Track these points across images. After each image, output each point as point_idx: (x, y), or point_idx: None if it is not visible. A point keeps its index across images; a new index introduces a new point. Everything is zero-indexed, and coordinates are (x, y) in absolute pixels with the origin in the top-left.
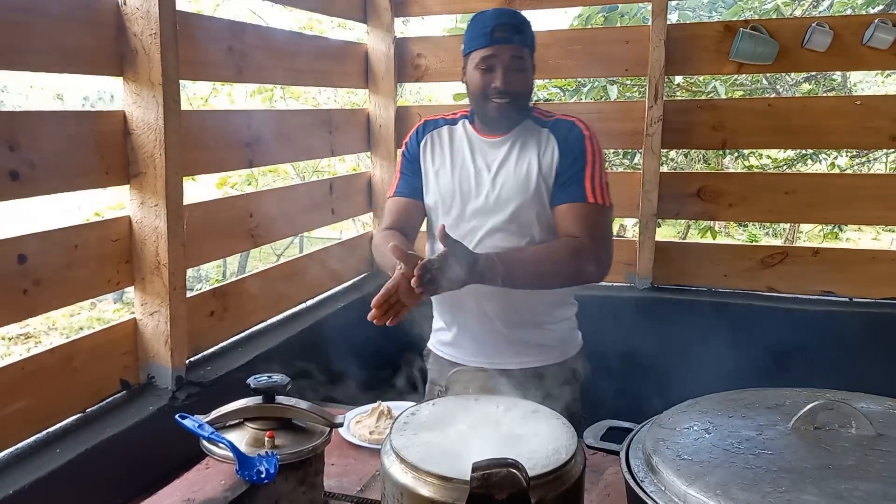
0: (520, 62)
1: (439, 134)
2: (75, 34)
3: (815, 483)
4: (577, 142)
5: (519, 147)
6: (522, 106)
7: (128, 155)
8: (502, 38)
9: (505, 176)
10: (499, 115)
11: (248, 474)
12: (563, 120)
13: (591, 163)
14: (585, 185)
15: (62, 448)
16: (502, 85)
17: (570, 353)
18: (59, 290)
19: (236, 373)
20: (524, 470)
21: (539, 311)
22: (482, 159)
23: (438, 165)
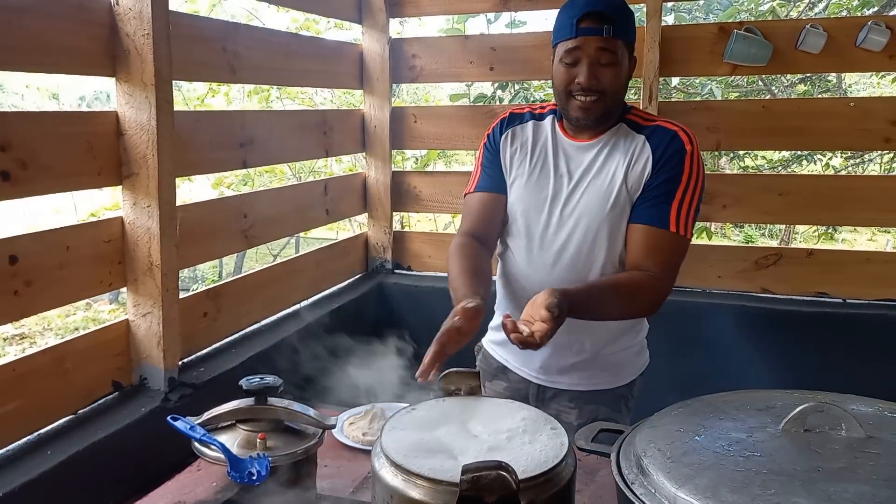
0: (609, 56)
1: (523, 129)
2: (68, 34)
3: (805, 486)
4: (676, 157)
5: (606, 154)
6: (611, 106)
7: (120, 155)
8: (589, 28)
9: (586, 186)
10: (582, 115)
11: (240, 476)
12: (664, 127)
13: (686, 185)
14: (671, 210)
15: (53, 450)
16: (586, 81)
17: (624, 379)
18: (50, 291)
19: (229, 374)
20: (514, 472)
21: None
22: (565, 165)
23: (518, 164)
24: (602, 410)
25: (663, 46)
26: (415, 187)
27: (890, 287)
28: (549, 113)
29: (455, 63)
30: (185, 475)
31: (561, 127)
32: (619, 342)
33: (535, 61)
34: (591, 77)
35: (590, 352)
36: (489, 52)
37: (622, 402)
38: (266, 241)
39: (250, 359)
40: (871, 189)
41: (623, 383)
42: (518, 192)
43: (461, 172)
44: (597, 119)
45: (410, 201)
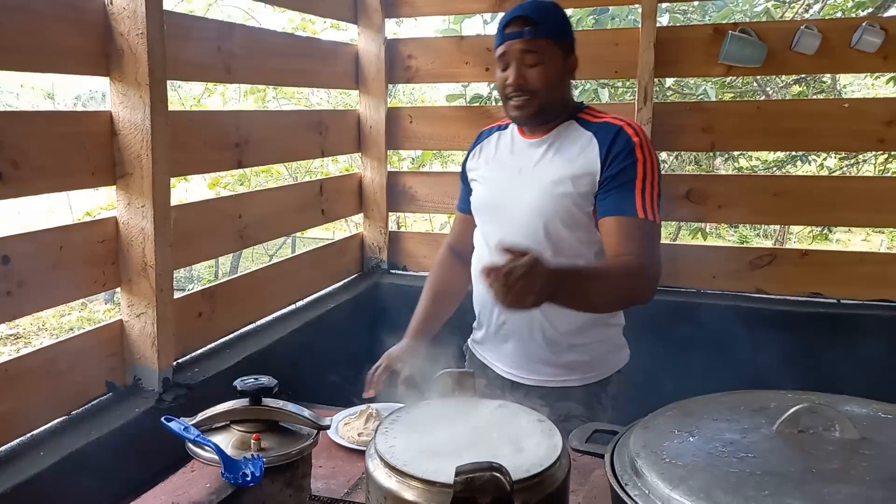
0: (533, 56)
1: (489, 141)
2: (61, 34)
3: (799, 487)
4: (626, 148)
5: (555, 149)
6: (545, 103)
7: (114, 155)
8: (512, 32)
9: (536, 178)
10: (517, 114)
11: (234, 477)
12: (610, 123)
13: (643, 173)
14: (636, 199)
15: (47, 451)
16: (514, 81)
17: (596, 376)
18: (43, 291)
19: (224, 374)
20: (508, 474)
21: (569, 330)
22: (520, 160)
23: (481, 167)
24: (574, 408)
25: (658, 47)
26: (410, 188)
27: (884, 288)
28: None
29: (451, 64)
30: (179, 476)
31: (519, 130)
32: (590, 333)
33: None
34: (519, 77)
35: (558, 342)
36: (485, 53)
37: (595, 400)
38: (261, 242)
39: (245, 359)
40: (865, 190)
41: (595, 380)
42: (483, 193)
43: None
44: (532, 116)
45: (406, 202)
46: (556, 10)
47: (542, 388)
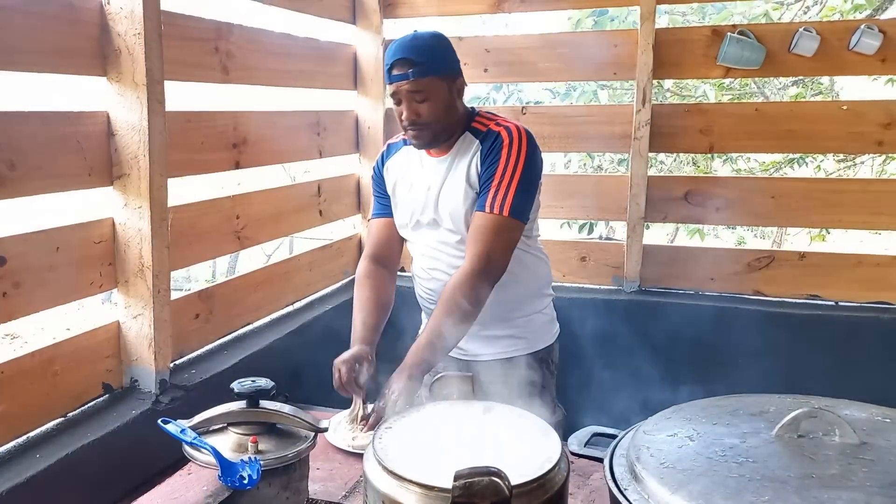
0: (420, 94)
1: (398, 157)
2: (58, 34)
3: (798, 492)
4: (495, 150)
5: (456, 163)
6: (440, 130)
7: (111, 156)
8: (398, 75)
9: (446, 192)
10: (416, 143)
11: (231, 480)
12: (493, 130)
13: (502, 171)
14: (488, 195)
15: (42, 453)
16: (407, 117)
17: (542, 343)
18: (39, 292)
19: (221, 376)
20: (506, 478)
21: (508, 307)
22: (428, 177)
23: (397, 185)
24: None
25: (656, 49)
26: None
27: (882, 290)
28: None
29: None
30: (176, 479)
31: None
32: (529, 305)
33: (529, 63)
34: (411, 113)
35: (504, 317)
36: (483, 54)
37: (545, 367)
38: (259, 243)
39: (242, 361)
40: (862, 192)
41: (541, 347)
42: (402, 205)
43: None
44: (429, 143)
45: None
46: (433, 43)
47: (497, 361)
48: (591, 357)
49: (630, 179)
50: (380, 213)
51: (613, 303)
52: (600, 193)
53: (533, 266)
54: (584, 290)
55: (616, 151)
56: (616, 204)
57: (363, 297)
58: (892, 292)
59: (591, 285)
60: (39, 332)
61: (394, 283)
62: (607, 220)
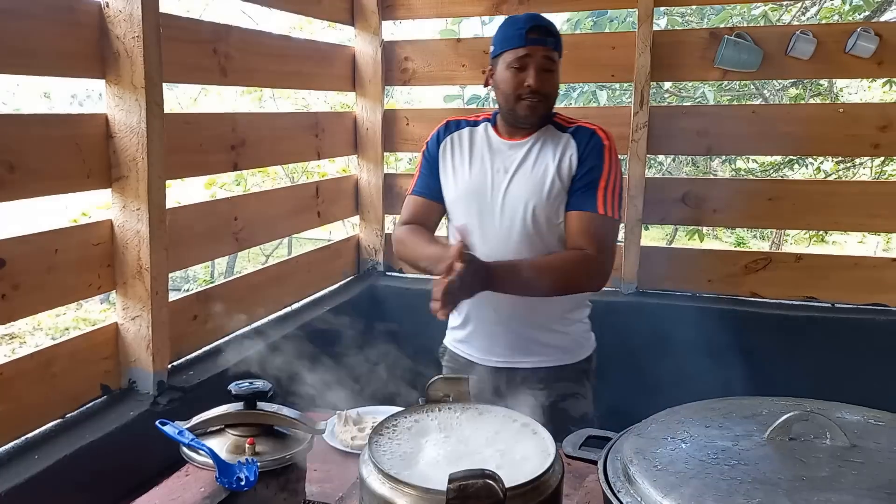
0: (551, 63)
1: (460, 136)
2: (57, 36)
3: (789, 495)
4: (596, 150)
5: (538, 150)
6: (550, 108)
7: (110, 158)
8: (536, 39)
9: (521, 178)
10: (530, 114)
11: (228, 481)
12: (585, 127)
13: (607, 174)
14: (598, 196)
15: (41, 454)
16: (535, 84)
17: (582, 354)
18: (38, 294)
19: (219, 378)
20: (501, 481)
21: (553, 314)
22: (500, 161)
23: (457, 166)
24: (569, 387)
25: (654, 51)
26: (406, 190)
27: (878, 292)
28: (483, 121)
29: (447, 66)
30: (173, 480)
31: (496, 130)
32: (572, 315)
33: None
34: (539, 81)
35: (548, 325)
36: (481, 55)
37: (584, 377)
38: (256, 244)
39: (240, 362)
40: (860, 194)
41: (582, 358)
42: (462, 189)
43: None
44: (540, 117)
45: (402, 204)
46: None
47: (539, 371)
48: None
49: (628, 181)
50: (422, 191)
51: (610, 304)
52: None
53: None
54: None
55: None
56: None
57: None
58: (889, 294)
59: None
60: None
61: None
62: None
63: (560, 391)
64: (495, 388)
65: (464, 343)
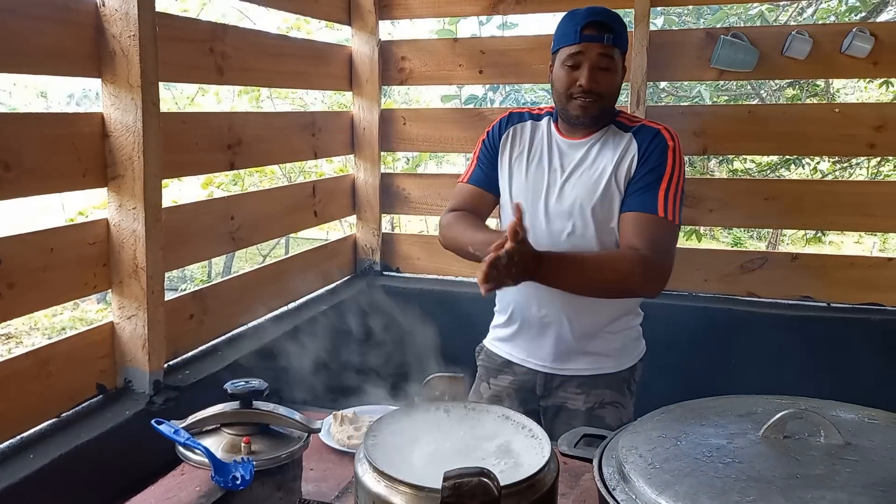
0: (607, 61)
1: (522, 128)
2: (53, 35)
3: (783, 493)
4: (659, 150)
5: (597, 150)
6: (607, 107)
7: (106, 157)
8: (591, 35)
9: (577, 179)
10: (582, 114)
11: (224, 480)
12: (649, 127)
13: (670, 175)
14: (658, 197)
15: (36, 453)
16: (587, 83)
17: (626, 363)
18: (34, 293)
19: (215, 377)
20: (496, 479)
21: (600, 321)
22: (559, 160)
23: (516, 159)
24: (608, 394)
25: (651, 51)
26: (404, 189)
27: (874, 291)
28: (545, 115)
29: (444, 65)
30: (169, 479)
31: (556, 127)
32: (619, 322)
33: (525, 64)
34: (592, 80)
35: (592, 332)
36: (478, 55)
37: (625, 386)
38: (253, 244)
39: (236, 362)
40: (856, 194)
41: (626, 367)
42: (517, 184)
43: (450, 174)
44: (593, 118)
45: (399, 203)
46: (623, 21)
47: (578, 377)
48: None
49: None
50: (476, 180)
51: None
52: None
53: None
54: None
55: None
56: None
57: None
58: (884, 294)
59: None
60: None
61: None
62: None
63: (599, 398)
64: (531, 389)
65: (505, 342)
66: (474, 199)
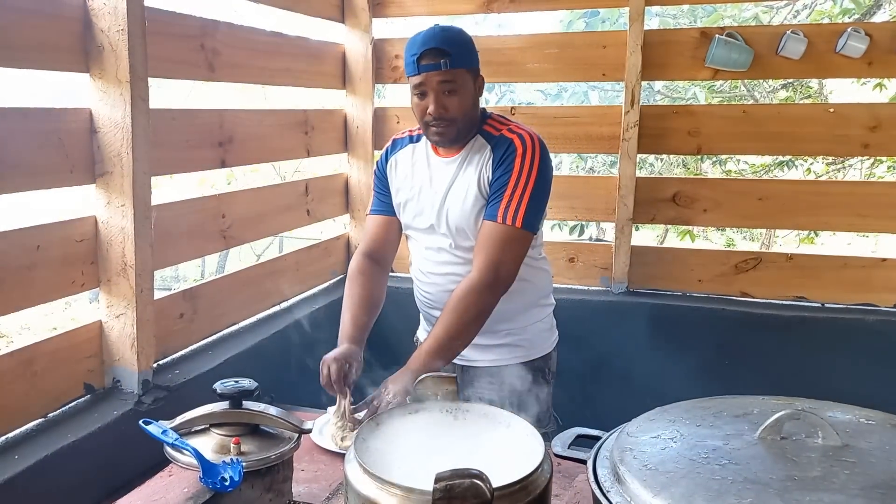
0: (451, 86)
1: (403, 154)
2: (40, 29)
3: (780, 495)
4: (508, 159)
5: (465, 166)
6: (462, 127)
7: (94, 153)
8: (428, 65)
9: (452, 195)
10: (438, 139)
11: (212, 482)
12: (506, 137)
13: (515, 181)
14: (500, 205)
15: (21, 454)
16: (435, 111)
17: (539, 352)
18: (19, 292)
19: (205, 377)
20: (488, 481)
21: (507, 316)
22: (436, 179)
23: (402, 185)
24: (523, 384)
25: (645, 50)
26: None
27: (867, 292)
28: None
29: None
30: (157, 481)
31: (433, 146)
32: (527, 315)
33: (519, 63)
34: (439, 107)
35: (497, 327)
36: None
37: (541, 375)
38: (244, 242)
39: (226, 361)
40: (850, 194)
41: (538, 356)
42: (406, 210)
43: None
44: (452, 140)
45: None
46: (462, 36)
47: (491, 368)
48: (578, 357)
49: (618, 180)
50: (378, 209)
51: (601, 304)
52: (589, 195)
53: (534, 277)
54: (573, 291)
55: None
56: (605, 205)
57: (354, 293)
58: (878, 294)
59: (580, 286)
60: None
61: (386, 281)
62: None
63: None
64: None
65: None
66: (381, 230)
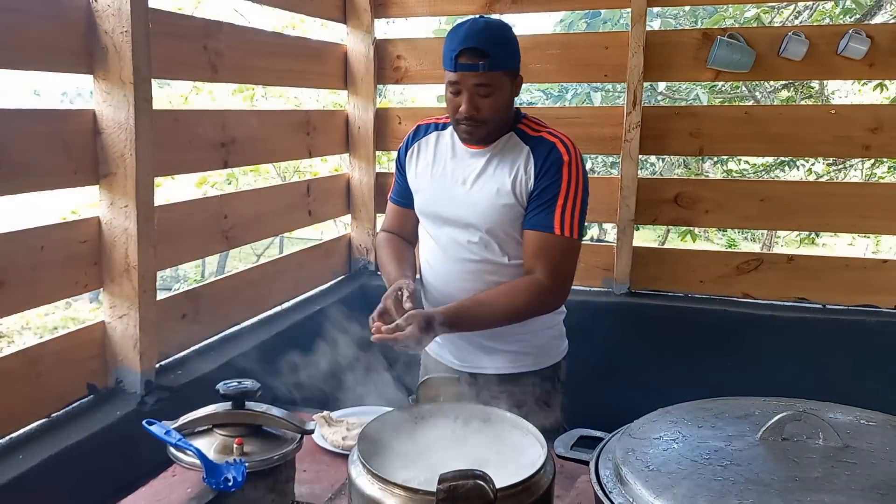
0: (486, 89)
1: (427, 141)
2: (44, 31)
3: (782, 496)
4: (555, 166)
5: (497, 162)
6: (493, 129)
7: (97, 154)
8: (466, 65)
9: (478, 189)
10: (467, 138)
11: (215, 482)
12: (546, 139)
13: (566, 191)
14: (555, 216)
15: (25, 454)
16: (467, 112)
17: (548, 361)
18: (23, 292)
19: (207, 377)
20: (491, 481)
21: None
22: (461, 170)
23: (421, 172)
24: (531, 393)
25: (647, 51)
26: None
27: (868, 293)
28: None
29: (440, 64)
30: (160, 481)
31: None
32: (539, 320)
33: (521, 64)
34: (471, 108)
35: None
36: None
37: (551, 384)
38: (246, 243)
39: (229, 362)
40: (851, 196)
41: (548, 365)
42: (423, 198)
43: None
44: (481, 139)
45: None
46: (505, 34)
47: (499, 376)
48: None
49: (620, 181)
50: (396, 199)
51: (602, 304)
52: (591, 195)
53: None
54: (574, 292)
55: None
56: (606, 206)
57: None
58: (879, 295)
59: (581, 287)
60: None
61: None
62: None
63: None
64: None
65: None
66: (399, 216)
